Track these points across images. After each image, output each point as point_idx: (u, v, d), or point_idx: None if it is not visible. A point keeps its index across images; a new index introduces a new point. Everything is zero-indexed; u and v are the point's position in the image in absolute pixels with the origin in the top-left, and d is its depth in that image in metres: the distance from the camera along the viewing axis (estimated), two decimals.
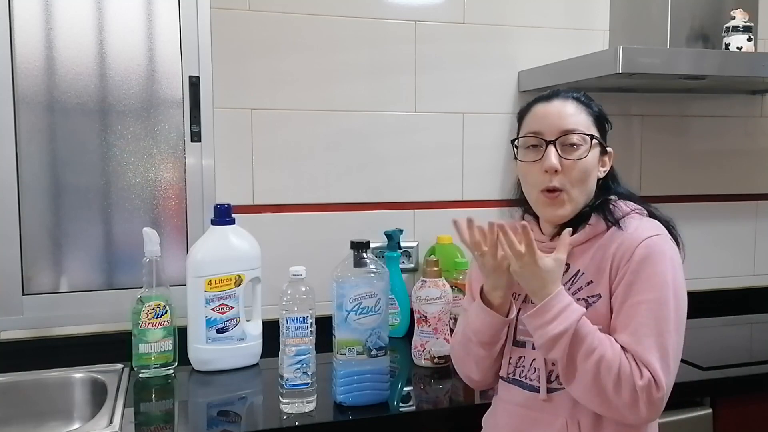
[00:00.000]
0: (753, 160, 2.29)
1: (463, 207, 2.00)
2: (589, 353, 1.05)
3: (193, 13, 1.75)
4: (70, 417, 1.56)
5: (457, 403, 1.49)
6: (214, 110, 1.79)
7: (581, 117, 1.17)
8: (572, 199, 1.16)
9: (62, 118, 1.71)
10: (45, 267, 1.73)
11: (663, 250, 1.10)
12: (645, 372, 1.04)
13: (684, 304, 1.10)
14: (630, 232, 1.12)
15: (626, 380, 1.04)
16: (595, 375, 1.05)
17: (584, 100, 1.20)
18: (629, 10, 2.01)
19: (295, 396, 1.37)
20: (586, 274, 1.15)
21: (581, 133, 1.15)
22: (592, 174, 1.17)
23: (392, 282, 1.63)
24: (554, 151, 1.14)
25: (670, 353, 1.06)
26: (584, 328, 1.07)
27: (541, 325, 1.08)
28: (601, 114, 1.21)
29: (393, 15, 1.91)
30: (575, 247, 1.17)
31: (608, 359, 1.05)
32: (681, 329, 1.09)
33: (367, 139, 1.92)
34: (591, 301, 1.12)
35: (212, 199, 1.79)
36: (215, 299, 1.61)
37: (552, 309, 1.08)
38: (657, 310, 1.06)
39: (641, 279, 1.08)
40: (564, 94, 1.19)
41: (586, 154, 1.15)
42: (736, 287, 2.28)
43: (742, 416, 1.58)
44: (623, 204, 1.19)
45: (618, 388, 1.04)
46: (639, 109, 2.15)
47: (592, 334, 1.07)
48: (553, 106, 1.18)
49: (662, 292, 1.07)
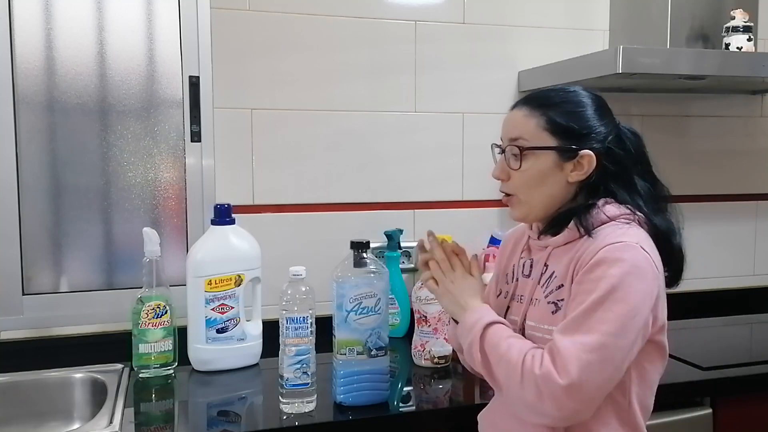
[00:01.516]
0: (753, 160, 2.29)
1: (463, 207, 2.00)
2: (497, 360, 1.08)
3: (193, 13, 1.75)
4: (70, 417, 1.56)
5: (457, 403, 1.49)
6: (214, 110, 1.79)
7: (528, 125, 1.15)
8: (522, 202, 1.18)
9: (62, 118, 1.71)
10: (45, 267, 1.73)
11: (621, 257, 1.05)
12: (546, 362, 1.02)
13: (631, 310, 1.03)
14: (597, 239, 1.09)
15: (527, 374, 1.03)
16: (506, 381, 1.07)
17: (542, 102, 1.16)
18: (629, 10, 2.01)
19: (295, 396, 1.37)
20: (557, 278, 1.14)
21: (518, 145, 1.16)
22: (543, 181, 1.15)
23: (392, 282, 1.63)
24: (501, 160, 1.20)
25: (596, 351, 1.00)
26: (492, 338, 1.10)
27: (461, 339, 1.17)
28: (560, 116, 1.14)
29: (393, 15, 1.91)
30: (554, 249, 1.17)
31: (513, 363, 1.05)
32: (624, 335, 1.03)
33: (367, 139, 1.92)
34: (559, 305, 1.12)
35: (212, 199, 1.79)
36: (215, 299, 1.61)
37: (464, 328, 1.15)
38: (593, 310, 1.02)
39: (589, 280, 1.06)
40: (522, 100, 1.20)
41: (518, 166, 1.16)
42: (736, 287, 2.28)
43: (742, 416, 1.58)
44: (607, 210, 1.13)
45: (522, 383, 1.03)
46: (639, 109, 2.15)
47: (503, 341, 1.09)
48: (509, 115, 1.20)
49: (605, 294, 1.03)
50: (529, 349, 1.06)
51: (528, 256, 1.24)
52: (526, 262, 1.24)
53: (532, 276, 1.20)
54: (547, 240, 1.19)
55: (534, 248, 1.24)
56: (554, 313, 1.12)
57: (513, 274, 1.27)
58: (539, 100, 1.17)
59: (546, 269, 1.18)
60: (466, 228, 1.97)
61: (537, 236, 1.22)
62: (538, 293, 1.17)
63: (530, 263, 1.22)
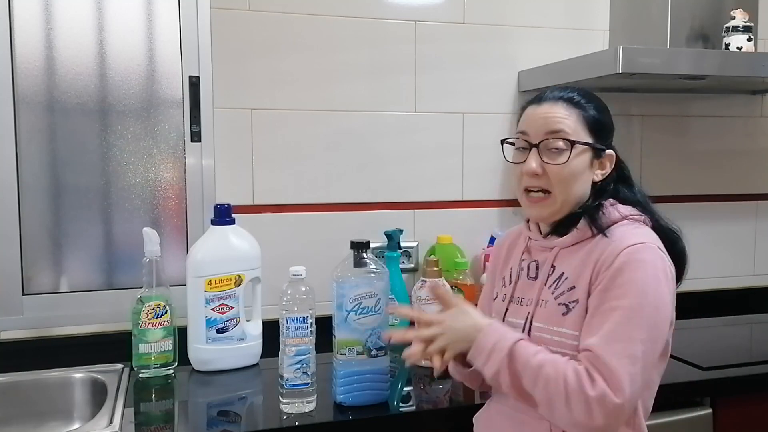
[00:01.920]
0: (753, 160, 2.29)
1: (463, 207, 2.00)
2: (534, 379, 1.05)
3: (193, 13, 1.75)
4: (70, 417, 1.56)
5: (457, 403, 1.49)
6: (214, 110, 1.79)
7: (569, 120, 1.13)
8: (555, 201, 1.15)
9: (62, 118, 1.71)
10: (45, 267, 1.73)
11: (644, 258, 1.06)
12: (599, 381, 1.01)
13: (662, 314, 1.06)
14: (614, 240, 1.09)
15: (575, 394, 1.01)
16: (546, 398, 1.04)
17: (578, 100, 1.15)
18: (629, 10, 2.01)
19: (295, 396, 1.37)
20: (569, 279, 1.13)
21: (564, 138, 1.13)
22: (579, 178, 1.15)
23: (392, 282, 1.63)
24: (536, 155, 1.14)
25: (639, 361, 1.02)
26: (519, 359, 1.06)
27: (481, 365, 1.10)
28: (598, 116, 1.16)
29: (393, 15, 1.91)
30: (562, 250, 1.16)
31: (553, 380, 1.03)
32: (656, 339, 1.06)
33: (367, 139, 1.92)
34: (570, 306, 1.11)
35: (212, 199, 1.79)
36: (215, 299, 1.61)
37: (482, 352, 1.09)
38: (630, 317, 1.03)
39: (617, 285, 1.05)
40: (556, 95, 1.16)
41: (566, 160, 1.12)
42: (736, 287, 2.28)
43: (742, 416, 1.58)
44: (616, 209, 1.15)
45: (569, 404, 1.01)
46: (639, 109, 2.15)
47: (532, 360, 1.05)
48: (541, 108, 1.16)
49: (637, 300, 1.04)
50: (564, 365, 1.04)
51: (530, 258, 1.22)
52: (530, 264, 1.21)
53: (539, 278, 1.18)
54: (554, 241, 1.18)
55: (536, 249, 1.22)
56: (565, 314, 1.11)
57: (511, 277, 1.25)
58: (571, 98, 1.16)
59: (553, 270, 1.16)
60: (466, 228, 1.97)
61: (542, 236, 1.20)
62: (545, 295, 1.16)
63: (535, 265, 1.20)
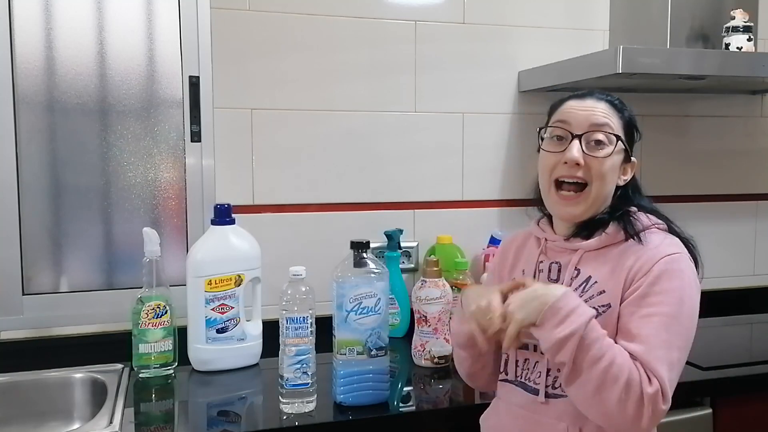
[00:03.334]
0: (753, 160, 2.29)
1: (463, 207, 2.00)
2: (595, 360, 1.01)
3: (193, 13, 1.75)
4: (70, 417, 1.56)
5: (457, 403, 1.49)
6: (214, 110, 1.79)
7: (612, 118, 1.16)
8: (589, 196, 1.14)
9: (62, 118, 1.71)
10: (45, 267, 1.73)
11: (682, 268, 1.09)
12: (654, 381, 1.02)
13: (694, 323, 1.10)
14: (651, 247, 1.11)
15: (635, 390, 1.00)
16: (600, 383, 1.01)
17: (617, 104, 1.19)
18: (629, 10, 2.01)
19: (295, 396, 1.37)
20: (598, 283, 1.13)
21: (608, 132, 1.14)
22: (613, 177, 1.16)
23: (392, 282, 1.63)
24: (578, 145, 1.13)
25: (675, 368, 1.06)
26: (593, 332, 1.03)
27: (553, 326, 1.03)
28: (632, 121, 1.20)
29: (393, 15, 1.91)
30: (586, 252, 1.16)
31: (617, 366, 1.01)
32: (687, 347, 1.09)
33: (367, 139, 1.92)
34: (601, 310, 1.11)
35: (212, 199, 1.79)
36: (215, 299, 1.61)
37: (560, 311, 1.03)
38: (669, 324, 1.05)
39: (656, 292, 1.07)
40: (599, 95, 1.19)
41: (611, 153, 1.14)
42: (736, 287, 2.28)
43: (742, 416, 1.58)
44: (644, 217, 1.17)
45: (627, 393, 1.00)
46: (639, 109, 2.10)
47: (601, 340, 1.03)
48: (585, 103, 1.17)
49: (676, 308, 1.06)
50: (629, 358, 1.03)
51: (549, 259, 1.21)
52: (551, 266, 1.20)
53: (562, 280, 1.17)
54: (578, 243, 1.17)
55: (555, 251, 1.21)
56: (595, 318, 1.09)
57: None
58: (613, 101, 1.19)
59: (578, 273, 1.16)
60: (465, 228, 1.97)
61: (563, 238, 1.20)
62: None
63: (557, 267, 1.19)
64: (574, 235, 1.19)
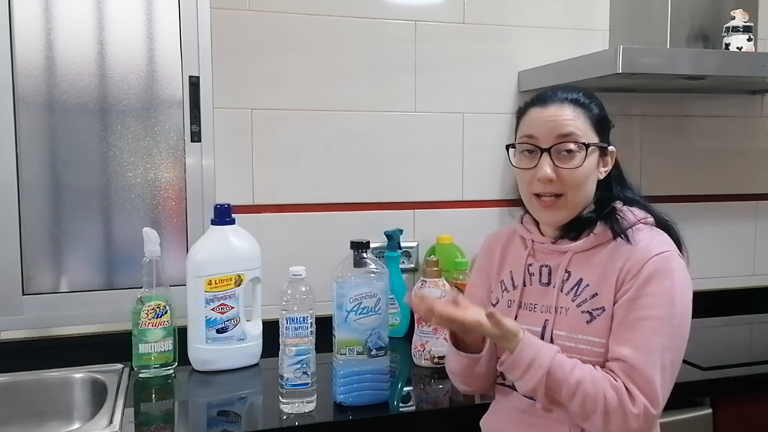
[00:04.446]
0: (753, 160, 2.29)
1: (463, 207, 2.00)
2: (571, 394, 1.05)
3: (193, 13, 1.75)
4: (70, 417, 1.56)
5: (457, 403, 1.49)
6: (214, 110, 1.79)
7: (579, 122, 1.13)
8: (568, 203, 1.14)
9: (62, 118, 1.71)
10: (45, 267, 1.73)
11: (672, 267, 1.08)
12: (638, 397, 1.03)
13: (687, 322, 1.09)
14: (641, 247, 1.10)
15: (614, 412, 1.03)
16: (583, 413, 1.05)
17: (582, 101, 1.15)
18: (629, 10, 2.01)
19: (295, 396, 1.37)
20: (590, 286, 1.12)
21: (576, 141, 1.12)
22: (590, 179, 1.15)
23: (392, 282, 1.63)
24: (548, 160, 1.12)
25: (669, 370, 1.06)
26: (558, 373, 1.05)
27: (516, 379, 1.09)
28: (601, 114, 1.17)
29: (393, 15, 1.91)
30: (576, 254, 1.16)
31: (591, 397, 1.04)
32: (682, 347, 1.08)
33: (366, 139, 1.92)
34: (595, 314, 1.10)
35: (212, 199, 1.79)
36: (215, 299, 1.61)
37: (520, 365, 1.07)
38: (661, 327, 1.05)
39: (647, 294, 1.06)
40: (561, 96, 1.15)
41: (582, 163, 1.12)
42: (736, 287, 2.28)
43: (742, 416, 1.58)
44: (629, 212, 1.16)
45: (607, 421, 1.03)
46: (639, 109, 2.15)
47: (570, 375, 1.05)
48: (548, 111, 1.14)
49: (668, 309, 1.06)
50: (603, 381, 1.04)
51: (538, 262, 1.21)
52: (541, 269, 1.19)
53: (553, 284, 1.17)
54: (567, 245, 1.17)
55: (543, 253, 1.21)
56: (589, 322, 1.10)
57: (513, 281, 1.23)
58: (576, 98, 1.15)
59: (569, 276, 1.15)
60: (465, 228, 1.97)
61: (550, 240, 1.19)
62: (564, 302, 1.14)
63: (547, 270, 1.18)
64: (561, 237, 1.18)
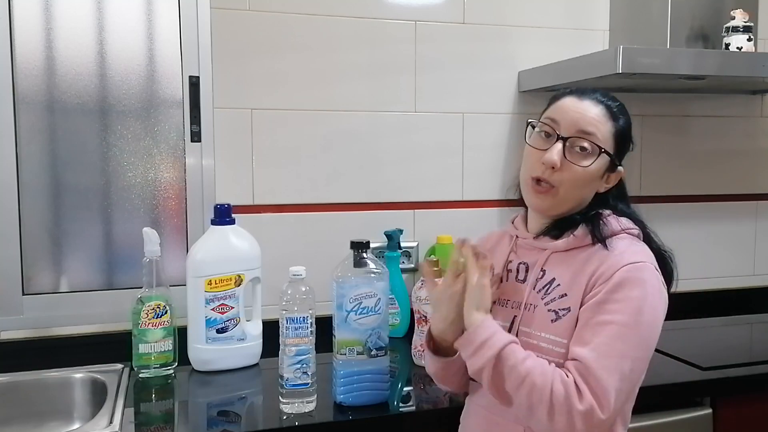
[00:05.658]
0: (753, 160, 2.29)
1: (463, 207, 2.00)
2: (518, 384, 1.02)
3: (193, 13, 1.75)
4: (70, 417, 1.56)
5: (457, 403, 1.48)
6: (214, 110, 1.79)
7: (604, 126, 1.12)
8: (558, 198, 1.13)
9: (62, 118, 1.71)
10: (45, 267, 1.73)
11: (644, 278, 1.06)
12: (587, 395, 1.00)
13: (654, 334, 1.06)
14: (616, 254, 1.09)
15: (560, 407, 1.00)
16: (528, 405, 1.02)
17: (615, 111, 1.15)
18: (629, 10, 2.01)
19: (295, 396, 1.37)
20: (561, 286, 1.12)
21: (594, 142, 1.11)
22: (590, 184, 1.14)
23: (392, 282, 1.63)
24: (560, 148, 1.11)
25: (627, 378, 1.02)
26: (509, 359, 1.03)
27: (467, 356, 1.08)
28: (626, 132, 1.16)
29: (393, 15, 1.91)
30: (554, 253, 1.15)
31: (539, 388, 1.01)
32: (645, 358, 1.06)
33: (366, 139, 1.92)
34: (561, 314, 1.09)
35: (212, 199, 1.79)
36: (215, 299, 1.61)
37: (473, 342, 1.06)
38: (625, 333, 1.03)
39: (615, 300, 1.04)
40: (598, 98, 1.15)
41: (589, 165, 1.11)
42: (736, 287, 2.28)
43: (742, 416, 1.58)
44: (615, 221, 1.14)
45: (551, 415, 1.00)
46: (639, 109, 2.14)
47: (520, 364, 1.03)
48: (581, 104, 1.13)
49: (633, 317, 1.03)
50: (552, 374, 1.02)
51: (518, 259, 1.21)
52: (519, 266, 1.20)
53: (528, 281, 1.16)
54: (547, 243, 1.16)
55: (524, 249, 1.21)
56: (554, 321, 1.10)
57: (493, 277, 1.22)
58: (611, 106, 1.14)
59: (543, 275, 1.15)
60: (465, 228, 1.96)
61: (532, 236, 1.19)
62: (533, 299, 1.14)
63: (525, 267, 1.18)
64: (544, 233, 1.18)
